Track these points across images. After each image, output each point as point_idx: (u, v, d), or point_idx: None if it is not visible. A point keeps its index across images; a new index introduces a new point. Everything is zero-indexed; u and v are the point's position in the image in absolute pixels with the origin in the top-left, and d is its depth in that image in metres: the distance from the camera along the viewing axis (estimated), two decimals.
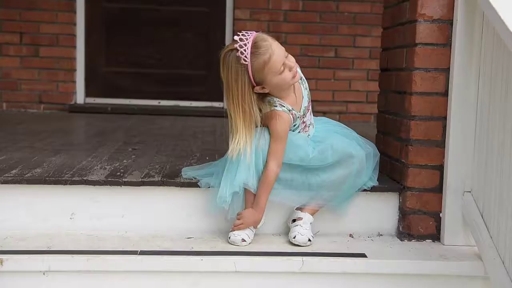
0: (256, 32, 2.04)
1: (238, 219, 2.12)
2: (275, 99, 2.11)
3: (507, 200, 1.85)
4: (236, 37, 2.00)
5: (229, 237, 2.11)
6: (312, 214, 2.18)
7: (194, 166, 2.35)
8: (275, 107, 2.09)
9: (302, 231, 2.11)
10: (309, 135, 2.23)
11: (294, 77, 2.07)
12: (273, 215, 2.24)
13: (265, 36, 2.03)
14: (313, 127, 2.25)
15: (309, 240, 2.11)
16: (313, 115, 2.29)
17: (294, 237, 2.12)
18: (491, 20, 1.91)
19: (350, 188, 2.19)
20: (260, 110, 2.09)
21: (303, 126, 2.20)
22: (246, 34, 2.01)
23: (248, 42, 1.99)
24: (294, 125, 2.17)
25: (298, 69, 2.14)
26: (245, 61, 1.99)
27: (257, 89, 2.05)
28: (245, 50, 1.98)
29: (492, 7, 1.86)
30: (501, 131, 1.91)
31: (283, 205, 2.22)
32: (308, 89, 2.22)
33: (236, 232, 2.10)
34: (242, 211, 2.13)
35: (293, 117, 2.13)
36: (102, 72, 5.34)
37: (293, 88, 2.15)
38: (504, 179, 1.87)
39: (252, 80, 2.02)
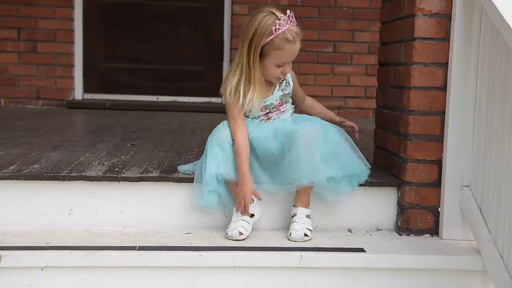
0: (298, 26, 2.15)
1: (238, 203, 2.11)
2: None
3: (505, 195, 1.85)
4: (288, 12, 2.11)
5: (227, 233, 2.11)
6: (306, 206, 2.15)
7: (190, 164, 2.36)
8: None
9: (297, 227, 2.11)
10: None
11: (278, 79, 2.19)
12: (271, 210, 2.25)
13: (300, 35, 2.13)
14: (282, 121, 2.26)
15: (306, 235, 2.10)
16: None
17: (290, 235, 2.12)
18: (489, 13, 1.90)
19: (310, 162, 2.11)
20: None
21: (265, 118, 2.23)
22: (293, 18, 2.12)
23: (289, 24, 2.09)
24: (249, 111, 2.20)
25: (289, 76, 2.26)
26: (274, 32, 2.07)
27: None
28: (283, 26, 2.08)
29: (490, 0, 1.85)
30: (499, 125, 1.91)
31: (279, 201, 2.22)
32: (285, 92, 2.25)
33: (232, 226, 2.11)
34: (237, 195, 2.12)
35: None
36: (100, 67, 5.33)
37: (268, 83, 2.21)
38: (502, 173, 1.87)
39: (260, 47, 2.10)
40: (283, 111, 2.26)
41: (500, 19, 1.79)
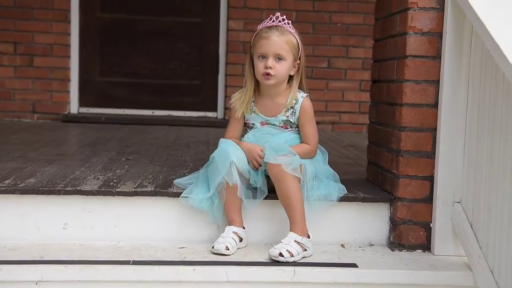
0: (288, 24, 2.28)
1: (252, 164, 2.22)
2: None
3: (495, 211, 1.87)
4: (278, 14, 2.27)
5: (213, 246, 2.11)
6: (299, 233, 2.10)
7: (186, 177, 2.37)
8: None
9: (277, 246, 2.07)
10: None
11: (264, 76, 2.22)
12: (265, 225, 2.26)
13: (282, 31, 2.24)
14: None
15: (281, 254, 2.03)
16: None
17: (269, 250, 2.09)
18: (478, 32, 1.94)
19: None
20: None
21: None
22: (280, 19, 2.26)
23: (271, 21, 2.26)
24: (253, 124, 2.33)
25: (297, 107, 2.28)
26: (257, 28, 2.29)
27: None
28: (267, 22, 2.27)
29: (480, 20, 1.88)
30: (489, 142, 1.93)
31: (275, 216, 2.24)
32: (290, 120, 2.29)
33: (220, 240, 2.11)
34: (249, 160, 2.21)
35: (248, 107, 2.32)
36: (96, 82, 5.35)
37: (270, 98, 2.30)
38: (492, 189, 1.90)
39: (251, 45, 2.29)
40: (274, 132, 2.30)
41: (489, 38, 1.82)
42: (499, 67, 1.78)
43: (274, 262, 2.05)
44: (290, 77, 2.30)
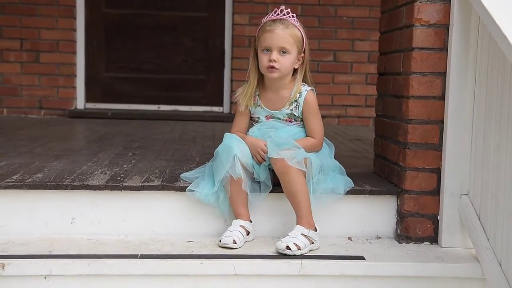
0: (293, 17, 2.25)
1: (256, 159, 2.21)
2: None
3: (503, 202, 1.87)
4: (282, 7, 2.25)
5: (220, 240, 2.12)
6: (306, 226, 2.11)
7: (192, 171, 2.38)
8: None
9: (284, 239, 2.08)
10: None
11: (267, 68, 2.21)
12: (271, 219, 2.27)
13: (287, 24, 2.22)
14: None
15: (288, 247, 2.03)
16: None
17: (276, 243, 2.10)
18: (486, 24, 1.93)
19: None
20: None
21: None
22: (284, 12, 2.24)
23: (276, 15, 2.24)
24: (258, 118, 2.32)
25: (301, 100, 2.26)
26: (262, 21, 2.27)
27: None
28: (271, 15, 2.25)
29: (487, 11, 1.88)
30: (497, 134, 1.93)
31: (283, 209, 2.24)
32: (294, 113, 2.28)
33: (227, 234, 2.12)
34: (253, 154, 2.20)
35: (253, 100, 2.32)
36: (102, 77, 5.37)
37: (274, 91, 2.29)
38: (500, 181, 1.89)
39: (256, 38, 2.28)
40: (279, 126, 2.30)
41: (495, 29, 1.81)
42: (507, 57, 1.77)
43: (281, 255, 2.06)
44: (295, 71, 2.30)
